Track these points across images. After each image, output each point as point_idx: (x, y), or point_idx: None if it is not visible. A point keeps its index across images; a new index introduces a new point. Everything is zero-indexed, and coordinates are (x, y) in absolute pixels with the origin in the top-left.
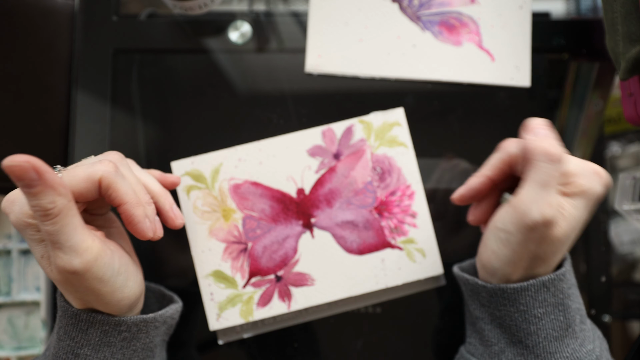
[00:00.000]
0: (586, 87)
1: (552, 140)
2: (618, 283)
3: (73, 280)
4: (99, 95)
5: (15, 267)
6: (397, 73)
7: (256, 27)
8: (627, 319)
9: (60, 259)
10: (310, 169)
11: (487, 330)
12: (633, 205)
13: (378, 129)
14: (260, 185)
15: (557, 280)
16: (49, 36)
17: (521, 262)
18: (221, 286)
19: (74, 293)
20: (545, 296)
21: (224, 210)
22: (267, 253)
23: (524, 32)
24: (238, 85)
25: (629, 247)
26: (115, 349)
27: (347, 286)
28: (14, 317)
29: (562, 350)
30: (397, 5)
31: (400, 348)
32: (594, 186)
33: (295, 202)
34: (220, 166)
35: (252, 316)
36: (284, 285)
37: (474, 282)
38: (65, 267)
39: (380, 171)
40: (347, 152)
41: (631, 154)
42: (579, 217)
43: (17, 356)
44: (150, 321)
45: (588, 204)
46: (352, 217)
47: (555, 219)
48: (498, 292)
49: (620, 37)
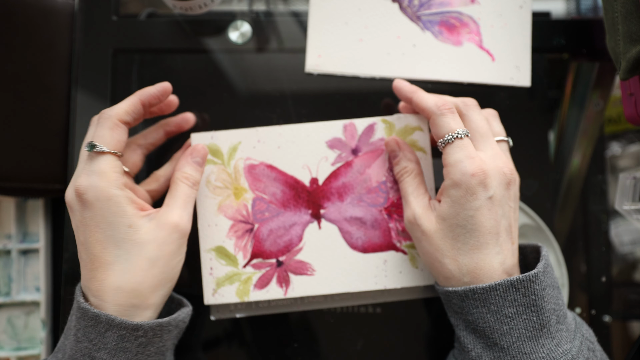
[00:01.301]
0: (586, 87)
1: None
2: (618, 283)
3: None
4: (99, 95)
5: (15, 267)
6: (397, 73)
7: (256, 27)
8: (628, 319)
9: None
10: (327, 160)
11: (462, 337)
12: (633, 205)
13: (399, 130)
14: (275, 169)
15: (527, 282)
16: (49, 36)
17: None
18: (222, 262)
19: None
20: (515, 296)
21: (236, 188)
22: (272, 237)
23: (524, 32)
24: (238, 85)
25: (629, 247)
26: (130, 354)
27: (346, 282)
28: (14, 317)
29: (537, 351)
30: (397, 5)
31: (400, 348)
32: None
33: (307, 191)
34: (238, 144)
35: (247, 297)
36: (283, 271)
37: (443, 291)
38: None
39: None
40: (365, 149)
41: (631, 154)
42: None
43: (17, 356)
44: (165, 325)
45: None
46: (361, 214)
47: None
48: (469, 293)
49: (620, 36)
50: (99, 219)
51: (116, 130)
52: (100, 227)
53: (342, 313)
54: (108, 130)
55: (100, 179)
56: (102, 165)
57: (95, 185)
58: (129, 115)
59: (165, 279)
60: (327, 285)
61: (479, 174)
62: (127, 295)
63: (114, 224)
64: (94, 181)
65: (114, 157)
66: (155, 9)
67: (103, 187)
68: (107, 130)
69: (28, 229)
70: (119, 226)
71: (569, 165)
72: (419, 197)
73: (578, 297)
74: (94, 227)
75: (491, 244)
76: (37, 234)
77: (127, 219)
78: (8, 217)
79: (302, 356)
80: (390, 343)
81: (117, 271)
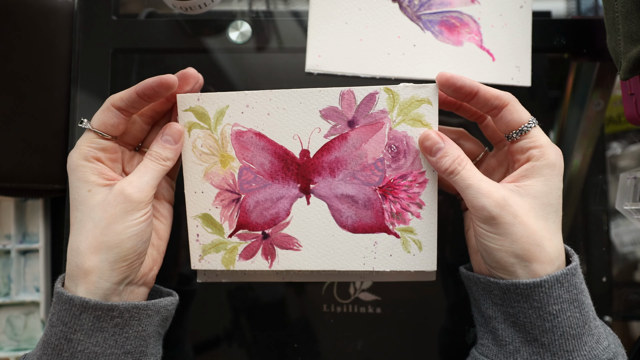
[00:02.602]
0: (587, 86)
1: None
2: (619, 283)
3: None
4: (98, 94)
5: (15, 267)
6: (398, 73)
7: (256, 26)
8: (628, 319)
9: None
10: (319, 131)
11: (500, 330)
12: (634, 205)
13: (404, 102)
14: (264, 137)
15: (570, 275)
16: (49, 36)
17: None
18: (208, 230)
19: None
20: (560, 292)
21: (223, 155)
22: (258, 209)
23: (524, 31)
24: (238, 85)
25: (629, 247)
26: (107, 334)
27: (332, 260)
28: (13, 317)
29: (580, 349)
30: (397, 5)
31: (400, 348)
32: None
33: (297, 163)
34: (226, 108)
35: (233, 265)
36: (269, 244)
37: (485, 280)
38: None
39: (395, 150)
40: (363, 122)
41: (632, 154)
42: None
43: (16, 357)
44: (143, 308)
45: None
46: (354, 192)
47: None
48: (511, 287)
49: (621, 36)
50: (70, 185)
51: (106, 112)
52: (69, 192)
53: (342, 313)
54: (100, 111)
55: (75, 151)
56: (81, 140)
57: (70, 155)
58: (122, 102)
59: (106, 242)
60: (313, 261)
61: (561, 154)
62: (74, 255)
63: (76, 188)
64: (71, 152)
65: (93, 134)
66: (155, 9)
67: (74, 157)
68: (99, 112)
69: (27, 229)
70: (80, 190)
71: (569, 165)
72: (492, 181)
73: None
74: (69, 192)
75: (559, 223)
76: (37, 234)
77: (88, 185)
78: (7, 217)
79: (302, 356)
80: (390, 343)
81: (74, 232)
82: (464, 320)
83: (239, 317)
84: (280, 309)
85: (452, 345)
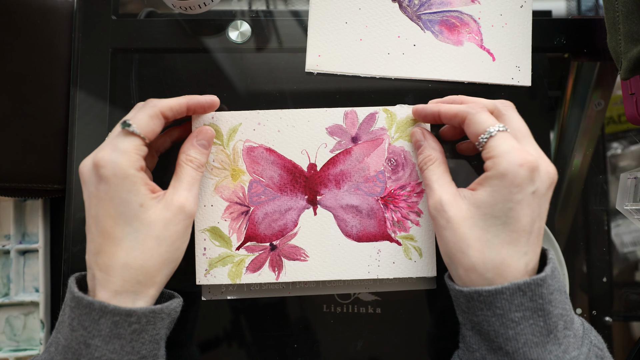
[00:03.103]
0: (587, 86)
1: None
2: (619, 284)
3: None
4: (98, 94)
5: (14, 267)
6: (398, 72)
7: (256, 26)
8: (629, 319)
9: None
10: (326, 146)
11: (468, 337)
12: (634, 205)
13: (401, 121)
14: (274, 152)
15: (535, 285)
16: (49, 36)
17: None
18: (215, 243)
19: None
20: (522, 300)
21: (234, 170)
22: (267, 220)
23: (524, 31)
24: (238, 85)
25: (630, 248)
26: (125, 341)
27: (339, 269)
28: (13, 317)
29: (544, 357)
30: (397, 5)
31: (400, 348)
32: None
33: (304, 176)
34: (239, 126)
35: (240, 279)
36: (277, 255)
37: (452, 287)
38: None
39: (394, 163)
40: (365, 138)
41: (632, 154)
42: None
43: (16, 357)
44: (158, 312)
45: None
46: (358, 202)
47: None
48: (474, 295)
49: (621, 36)
50: (113, 194)
51: (155, 119)
52: (113, 203)
53: (342, 313)
54: (147, 116)
55: (122, 157)
56: (127, 145)
57: (115, 161)
58: (172, 111)
59: (169, 258)
60: (319, 271)
61: (527, 165)
62: (135, 272)
63: (127, 201)
64: (116, 157)
65: (141, 141)
66: (155, 9)
67: (122, 164)
68: (146, 116)
69: (27, 230)
70: (131, 204)
71: (569, 165)
72: (445, 185)
73: (579, 298)
74: (108, 201)
75: (522, 242)
76: (36, 234)
77: (140, 198)
78: (7, 217)
79: (302, 356)
80: (390, 343)
81: (126, 248)
82: None
83: (239, 317)
84: (280, 309)
85: (452, 346)
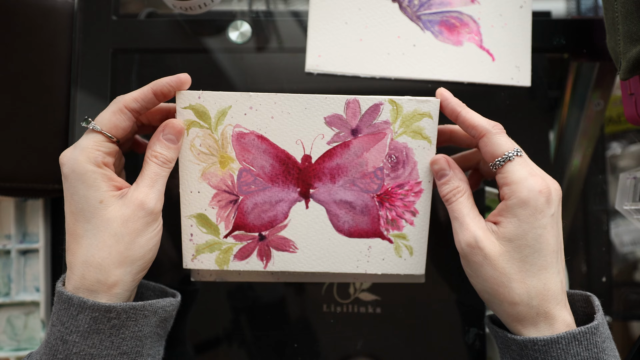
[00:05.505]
0: (587, 86)
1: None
2: (619, 283)
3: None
4: (98, 95)
5: (15, 267)
6: (397, 73)
7: (256, 26)
8: (628, 319)
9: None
10: (323, 138)
11: None
12: (633, 205)
13: (407, 115)
14: (266, 140)
15: (590, 334)
16: (49, 36)
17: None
18: (203, 230)
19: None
20: (578, 349)
21: (222, 156)
22: (256, 211)
23: (524, 31)
24: (238, 85)
25: (629, 247)
26: (104, 336)
27: (327, 262)
28: (13, 317)
29: None
30: (397, 5)
31: (400, 348)
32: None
33: (298, 168)
34: (228, 109)
35: (227, 266)
36: (265, 245)
37: (503, 335)
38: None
39: (395, 160)
40: (366, 131)
41: (632, 154)
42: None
43: (16, 357)
44: (139, 309)
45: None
46: (352, 198)
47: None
48: (529, 344)
49: (620, 36)
50: (73, 191)
51: (118, 114)
52: (74, 199)
53: (342, 313)
54: (110, 112)
55: (81, 153)
56: (87, 142)
57: (74, 158)
58: (137, 102)
59: (130, 256)
60: (308, 263)
61: (545, 191)
62: (93, 270)
63: (85, 197)
64: (75, 154)
65: (102, 137)
66: (155, 9)
67: (80, 161)
68: (109, 113)
69: (27, 229)
70: (90, 200)
71: (569, 165)
72: (476, 219)
73: None
74: (69, 198)
75: (554, 262)
76: (37, 234)
77: (100, 194)
78: (7, 217)
79: (302, 356)
80: (390, 343)
81: (85, 245)
82: (464, 320)
83: (239, 317)
84: (280, 309)
85: (452, 346)
